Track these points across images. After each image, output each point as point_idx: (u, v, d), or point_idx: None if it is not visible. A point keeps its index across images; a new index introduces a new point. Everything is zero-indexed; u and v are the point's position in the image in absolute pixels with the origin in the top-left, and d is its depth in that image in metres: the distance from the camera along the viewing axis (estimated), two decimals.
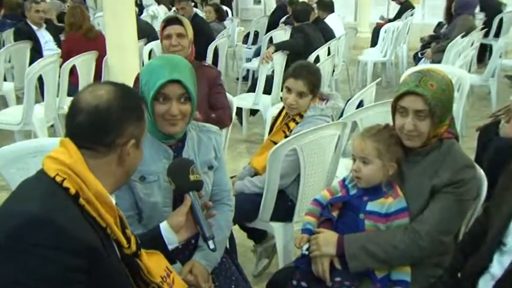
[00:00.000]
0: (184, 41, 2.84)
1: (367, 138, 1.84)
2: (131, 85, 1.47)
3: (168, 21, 2.90)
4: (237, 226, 2.68)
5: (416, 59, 6.52)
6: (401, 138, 1.83)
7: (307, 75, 2.54)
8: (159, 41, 5.45)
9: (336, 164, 2.64)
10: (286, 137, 2.55)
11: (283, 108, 2.67)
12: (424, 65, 5.37)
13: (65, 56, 4.68)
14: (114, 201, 1.28)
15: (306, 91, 2.53)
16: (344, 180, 1.99)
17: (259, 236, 2.93)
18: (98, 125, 1.22)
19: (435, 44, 6.28)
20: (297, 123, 2.58)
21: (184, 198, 1.59)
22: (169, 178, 1.62)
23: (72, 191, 1.17)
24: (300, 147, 2.35)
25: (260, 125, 5.27)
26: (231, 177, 2.61)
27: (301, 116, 2.58)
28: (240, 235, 2.80)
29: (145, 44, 5.45)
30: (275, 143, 2.47)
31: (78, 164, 1.20)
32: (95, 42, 4.99)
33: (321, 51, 5.14)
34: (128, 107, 1.26)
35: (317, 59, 4.98)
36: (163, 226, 1.60)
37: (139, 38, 4.75)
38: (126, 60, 4.46)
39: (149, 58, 5.28)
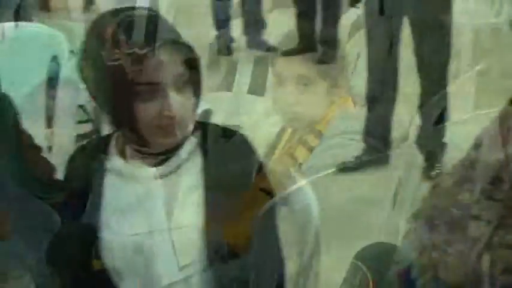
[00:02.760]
0: None
1: None
2: None
3: None
4: None
5: None
6: None
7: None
8: None
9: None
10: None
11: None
12: None
13: None
14: None
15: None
16: (408, 271, 1.79)
17: None
18: None
19: None
20: (310, 149, 2.49)
21: None
22: (49, 266, 1.70)
23: None
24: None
25: None
26: None
27: (317, 134, 2.55)
28: None
29: None
30: (269, 194, 2.30)
31: None
32: None
33: None
34: None
35: None
36: None
37: None
38: None
39: None
